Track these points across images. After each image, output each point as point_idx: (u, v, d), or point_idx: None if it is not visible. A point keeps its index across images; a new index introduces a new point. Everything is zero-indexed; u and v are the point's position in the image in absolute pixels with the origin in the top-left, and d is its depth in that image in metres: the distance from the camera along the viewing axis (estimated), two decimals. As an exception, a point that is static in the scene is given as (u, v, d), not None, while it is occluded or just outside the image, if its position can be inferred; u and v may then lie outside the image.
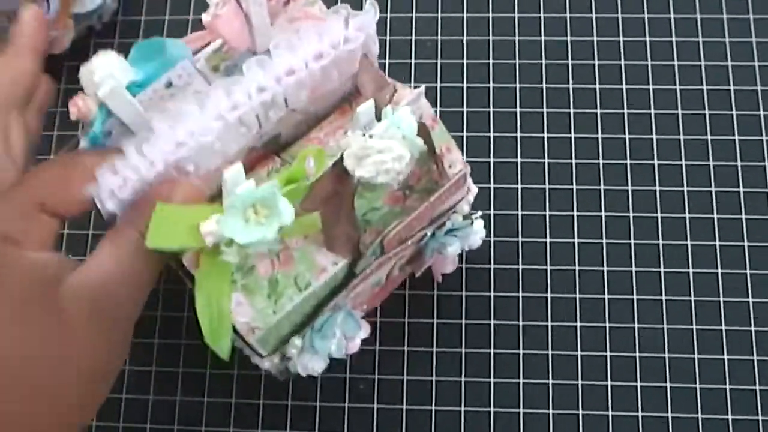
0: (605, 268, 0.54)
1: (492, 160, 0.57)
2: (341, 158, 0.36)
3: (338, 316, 0.44)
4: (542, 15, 0.61)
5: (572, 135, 0.57)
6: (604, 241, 0.54)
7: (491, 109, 0.58)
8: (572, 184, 0.56)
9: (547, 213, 0.56)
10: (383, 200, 0.41)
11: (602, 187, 0.56)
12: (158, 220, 0.35)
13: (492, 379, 0.53)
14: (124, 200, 0.37)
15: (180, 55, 0.41)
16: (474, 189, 0.47)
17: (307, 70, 0.39)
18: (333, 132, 0.42)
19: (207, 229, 0.35)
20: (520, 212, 0.56)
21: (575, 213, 0.55)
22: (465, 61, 0.60)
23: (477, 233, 0.49)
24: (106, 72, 0.38)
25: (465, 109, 0.59)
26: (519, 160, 0.57)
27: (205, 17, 0.41)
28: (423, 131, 0.39)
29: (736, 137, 0.57)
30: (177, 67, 0.41)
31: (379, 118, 0.38)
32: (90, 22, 0.61)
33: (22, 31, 0.40)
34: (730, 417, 0.50)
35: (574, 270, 0.54)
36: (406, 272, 0.51)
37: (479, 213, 0.49)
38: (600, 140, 0.57)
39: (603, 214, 0.55)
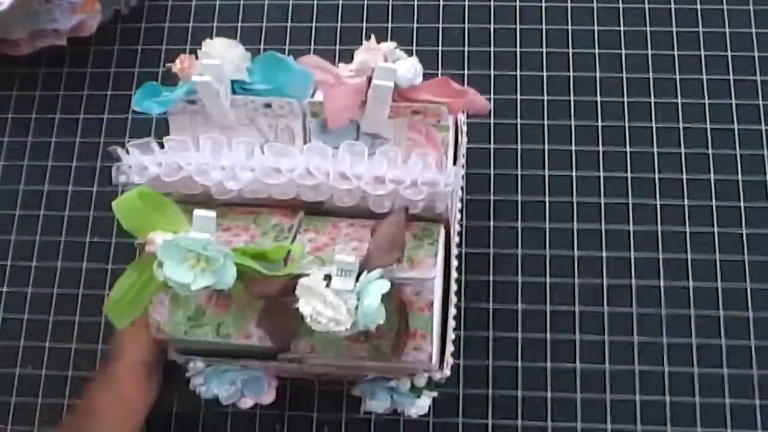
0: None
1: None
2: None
3: (247, 375, 0.45)
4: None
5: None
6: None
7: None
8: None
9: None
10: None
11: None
12: (134, 201, 0.37)
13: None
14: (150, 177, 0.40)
15: (300, 87, 0.42)
16: (446, 372, 0.45)
17: (360, 186, 0.39)
18: (353, 235, 0.42)
19: (153, 238, 0.37)
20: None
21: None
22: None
23: (417, 406, 0.47)
24: (217, 61, 0.40)
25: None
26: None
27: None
28: (400, 307, 0.39)
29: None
30: (284, 99, 0.42)
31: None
32: (117, 6, 0.62)
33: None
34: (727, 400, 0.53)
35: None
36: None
37: (433, 394, 0.47)
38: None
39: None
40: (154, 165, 0.40)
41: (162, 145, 0.41)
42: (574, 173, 0.58)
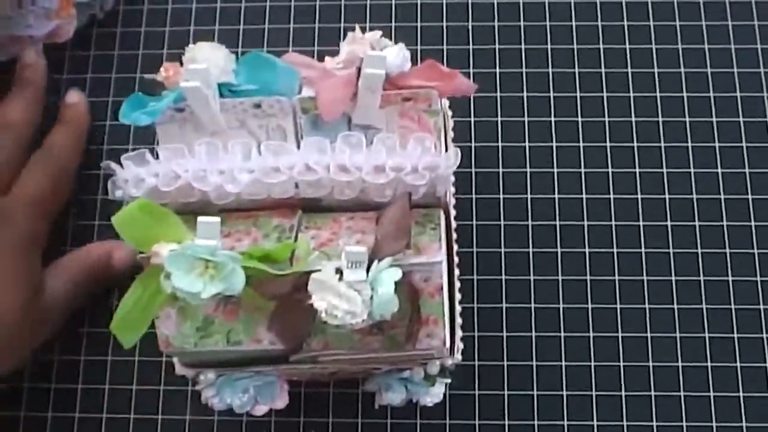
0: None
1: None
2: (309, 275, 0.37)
3: (258, 381, 0.45)
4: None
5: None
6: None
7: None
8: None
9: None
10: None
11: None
12: (135, 214, 0.37)
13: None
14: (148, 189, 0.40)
15: (287, 85, 0.42)
16: (457, 358, 0.46)
17: (361, 177, 0.39)
18: (355, 227, 0.41)
19: (158, 250, 0.36)
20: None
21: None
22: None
23: (432, 394, 0.47)
24: (203, 65, 0.40)
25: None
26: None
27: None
28: (412, 294, 0.39)
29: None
30: (274, 97, 0.42)
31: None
32: (92, 11, 0.61)
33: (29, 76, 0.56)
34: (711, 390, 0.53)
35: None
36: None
37: (447, 380, 0.47)
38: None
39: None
40: (151, 176, 0.40)
41: (155, 154, 0.41)
42: (553, 141, 0.58)
